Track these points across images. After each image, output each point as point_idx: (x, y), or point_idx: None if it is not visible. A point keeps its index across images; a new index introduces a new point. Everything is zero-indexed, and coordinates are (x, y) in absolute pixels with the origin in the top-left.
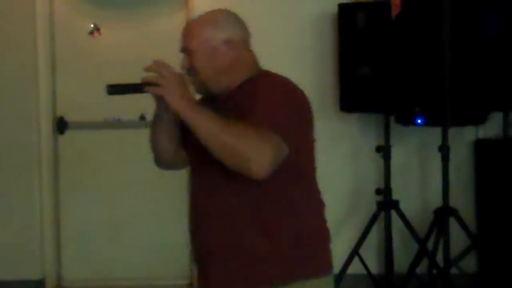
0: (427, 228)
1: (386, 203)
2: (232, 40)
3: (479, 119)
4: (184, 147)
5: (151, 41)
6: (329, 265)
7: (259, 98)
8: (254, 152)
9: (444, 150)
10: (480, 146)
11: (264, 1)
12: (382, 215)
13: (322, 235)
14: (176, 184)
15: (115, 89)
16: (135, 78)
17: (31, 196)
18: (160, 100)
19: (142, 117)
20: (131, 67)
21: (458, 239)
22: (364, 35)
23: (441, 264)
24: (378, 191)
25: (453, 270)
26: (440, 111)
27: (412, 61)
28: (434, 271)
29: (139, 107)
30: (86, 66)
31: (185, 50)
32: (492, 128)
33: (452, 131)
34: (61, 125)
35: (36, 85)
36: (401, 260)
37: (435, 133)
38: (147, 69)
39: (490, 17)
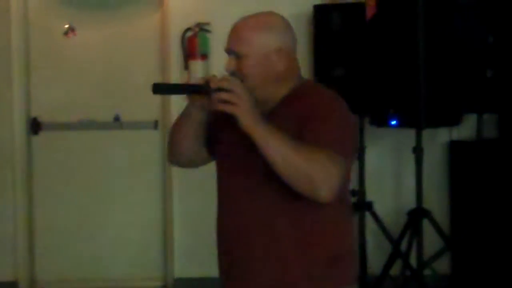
0: (401, 230)
1: (360, 204)
2: (284, 49)
3: (453, 121)
4: (209, 149)
5: (126, 42)
6: (355, 279)
7: (321, 117)
8: (324, 177)
9: (418, 151)
10: (454, 148)
11: (238, 2)
12: (356, 216)
13: (353, 253)
14: (151, 185)
15: (161, 88)
16: (109, 78)
17: (4, 197)
18: (196, 100)
19: (116, 118)
20: (106, 68)
21: (431, 240)
22: (339, 36)
23: (415, 266)
24: (352, 193)
25: (427, 272)
26: (414, 113)
27: (387, 63)
28: (408, 273)
29: (113, 108)
30: (61, 66)
31: (234, 53)
32: (466, 129)
33: (426, 133)
34: (35, 126)
35: (10, 85)
36: (375, 262)
37: (409, 134)
38: (218, 85)
39: (464, 19)
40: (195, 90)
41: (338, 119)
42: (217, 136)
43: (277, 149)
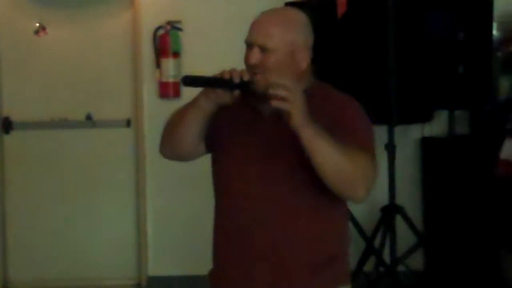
0: (374, 226)
1: None
2: (307, 47)
3: (424, 117)
4: (207, 143)
5: (98, 41)
6: (350, 278)
7: (351, 119)
8: (365, 180)
9: (390, 148)
10: (426, 144)
11: (209, 0)
12: None
13: (348, 253)
14: (124, 184)
15: (194, 80)
16: (81, 77)
17: None
18: (212, 93)
19: (88, 117)
20: (77, 67)
21: (404, 236)
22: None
23: (388, 262)
24: None
25: (400, 268)
26: (386, 110)
27: (358, 60)
28: (381, 269)
29: (86, 106)
30: (32, 65)
31: (261, 46)
32: (437, 126)
33: (398, 130)
34: (6, 125)
35: None
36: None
37: (381, 131)
38: (275, 86)
39: (434, 15)
40: (225, 84)
41: (365, 120)
42: (219, 130)
43: (325, 150)
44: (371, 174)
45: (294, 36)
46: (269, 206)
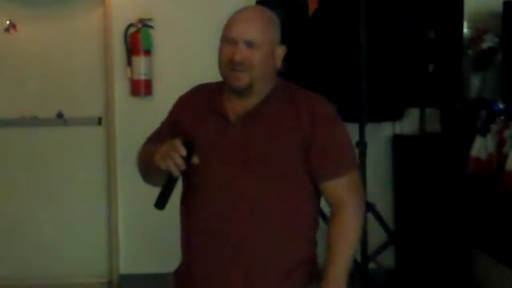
0: None
1: None
2: (282, 46)
3: (395, 115)
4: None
5: (68, 39)
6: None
7: (333, 133)
8: (363, 211)
9: (361, 146)
10: (397, 142)
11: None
12: None
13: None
14: (95, 182)
15: (163, 200)
16: (52, 74)
17: None
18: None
19: (59, 115)
20: (48, 64)
21: (375, 234)
22: (282, 32)
23: (359, 260)
24: None
25: (371, 265)
26: (357, 108)
27: (329, 58)
28: (353, 267)
29: (56, 104)
30: (2, 63)
31: (247, 42)
32: (408, 124)
33: (369, 127)
34: None
35: None
36: (320, 256)
37: (353, 129)
38: None
39: (405, 14)
40: (173, 181)
41: (345, 131)
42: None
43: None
44: (362, 202)
45: (273, 34)
46: (242, 209)
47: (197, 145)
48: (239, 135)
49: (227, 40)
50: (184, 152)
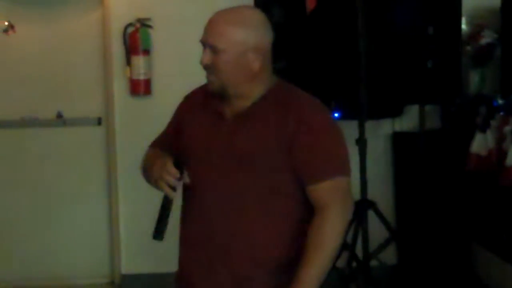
0: None
1: None
2: (261, 47)
3: (395, 112)
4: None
5: (67, 39)
6: None
7: (321, 139)
8: (347, 219)
9: (361, 143)
10: (397, 139)
11: None
12: None
13: None
14: (96, 182)
15: (160, 231)
16: (51, 75)
17: None
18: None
19: (59, 115)
20: (47, 65)
21: (377, 231)
22: (280, 29)
23: (361, 257)
24: None
25: (373, 263)
26: (356, 105)
27: (328, 55)
28: (354, 264)
29: (56, 105)
30: (1, 64)
31: (211, 46)
32: (408, 120)
33: (369, 124)
34: None
35: None
36: None
37: (352, 126)
38: None
39: (404, 10)
40: (168, 204)
41: (337, 135)
42: (184, 137)
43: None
44: (349, 208)
45: (245, 36)
46: (232, 211)
47: (192, 141)
48: (230, 135)
49: (201, 43)
50: (177, 175)
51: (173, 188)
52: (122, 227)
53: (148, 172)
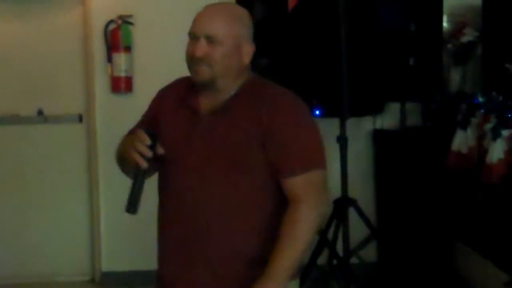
0: (327, 219)
1: None
2: (251, 42)
3: (376, 110)
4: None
5: (49, 35)
6: (298, 273)
7: (296, 132)
8: (322, 213)
9: (342, 141)
10: (378, 136)
11: None
12: None
13: None
14: (76, 180)
15: (133, 201)
16: (32, 72)
17: None
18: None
19: (40, 112)
20: (28, 62)
21: (357, 229)
22: (262, 27)
23: (341, 254)
24: None
25: (353, 260)
26: (338, 103)
27: (310, 53)
28: (334, 261)
29: (37, 102)
30: None
31: (209, 37)
32: (389, 118)
33: (350, 122)
34: None
35: None
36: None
37: (333, 124)
38: None
39: (385, 8)
40: (142, 174)
41: (311, 128)
42: (163, 135)
43: (297, 259)
44: (324, 201)
45: (239, 30)
46: (209, 206)
47: (168, 138)
48: (204, 129)
49: (190, 35)
50: (148, 141)
51: (145, 158)
52: (102, 224)
53: (121, 151)
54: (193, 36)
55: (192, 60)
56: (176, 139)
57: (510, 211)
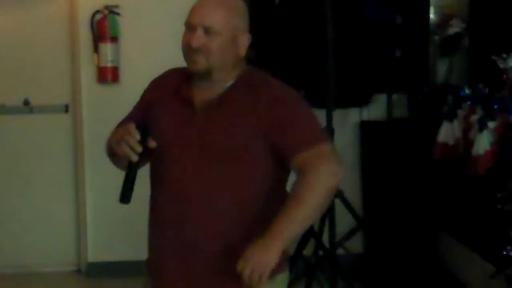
0: None
1: None
2: (247, 33)
3: (363, 101)
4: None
5: (35, 25)
6: (287, 265)
7: (296, 115)
8: (335, 181)
9: (328, 132)
10: (365, 128)
11: None
12: None
13: None
14: (63, 170)
15: (126, 192)
16: (18, 62)
17: None
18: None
19: (26, 102)
20: (14, 52)
21: (344, 220)
22: (250, 17)
23: (327, 246)
24: None
25: (340, 251)
26: (324, 94)
27: (296, 44)
28: (321, 252)
29: (23, 92)
30: None
31: (205, 28)
32: (376, 109)
33: (337, 113)
34: None
35: None
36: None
37: (320, 115)
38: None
39: (371, 0)
40: (133, 166)
41: (308, 110)
42: (154, 126)
43: (299, 226)
44: (336, 166)
45: (237, 21)
46: (202, 198)
47: (161, 130)
48: (200, 122)
49: (187, 26)
50: (137, 136)
51: (135, 151)
52: (88, 214)
53: (112, 144)
54: (190, 27)
55: (188, 50)
56: (169, 131)
57: (495, 202)
